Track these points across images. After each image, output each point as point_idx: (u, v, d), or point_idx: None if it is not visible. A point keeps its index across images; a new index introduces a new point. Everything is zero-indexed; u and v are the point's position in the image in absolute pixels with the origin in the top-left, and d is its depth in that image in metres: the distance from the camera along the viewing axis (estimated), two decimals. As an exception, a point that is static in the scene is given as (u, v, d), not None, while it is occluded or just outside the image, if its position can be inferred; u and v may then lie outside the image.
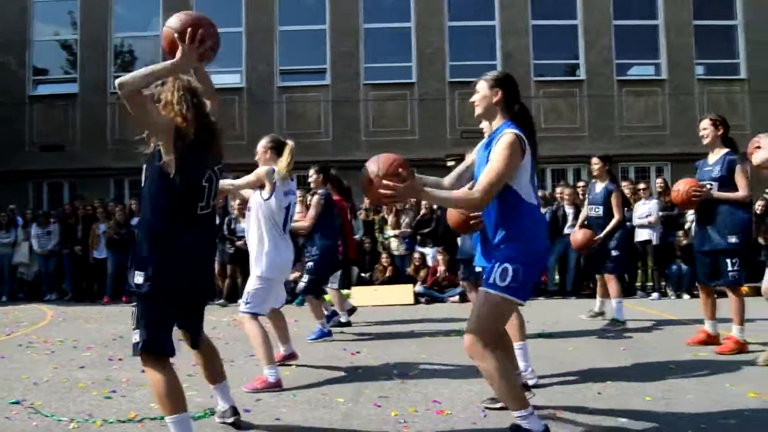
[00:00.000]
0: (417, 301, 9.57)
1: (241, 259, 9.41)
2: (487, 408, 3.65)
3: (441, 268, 9.81)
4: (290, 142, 4.67)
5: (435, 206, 10.64)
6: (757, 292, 7.16)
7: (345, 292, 9.41)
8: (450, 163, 15.15)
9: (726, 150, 5.24)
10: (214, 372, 3.39)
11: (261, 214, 4.53)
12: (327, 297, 7.26)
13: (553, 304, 8.99)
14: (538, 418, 3.00)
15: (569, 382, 4.31)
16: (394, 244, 10.75)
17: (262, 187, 4.54)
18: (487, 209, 3.05)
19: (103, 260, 10.92)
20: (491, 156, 2.97)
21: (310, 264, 6.47)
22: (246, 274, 7.35)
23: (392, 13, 16.27)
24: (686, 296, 9.42)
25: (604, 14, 16.40)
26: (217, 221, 9.83)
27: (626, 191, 10.38)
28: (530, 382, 4.00)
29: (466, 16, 16.43)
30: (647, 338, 6.05)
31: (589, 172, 9.34)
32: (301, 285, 6.49)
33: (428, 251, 10.41)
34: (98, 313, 9.04)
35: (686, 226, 9.73)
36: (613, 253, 6.84)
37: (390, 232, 10.82)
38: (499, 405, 3.58)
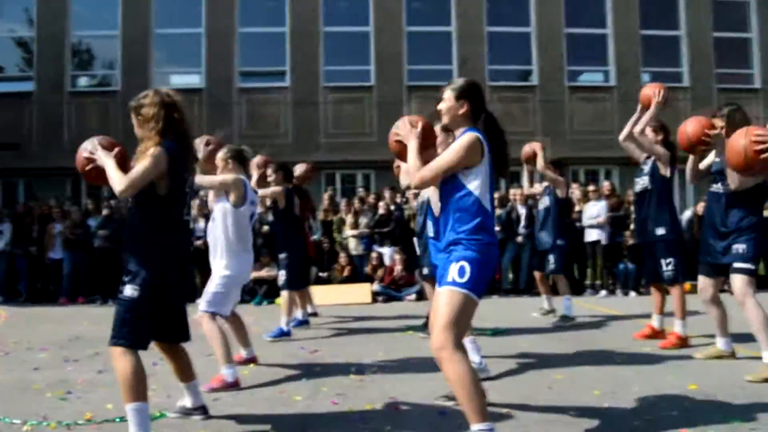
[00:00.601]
0: (374, 300, 9.68)
1: (199, 260, 9.34)
2: (442, 404, 3.72)
3: (398, 268, 9.94)
4: (257, 158, 4.77)
5: (393, 207, 10.79)
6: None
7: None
8: (407, 166, 15.33)
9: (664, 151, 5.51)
10: (187, 369, 3.48)
11: (230, 220, 4.59)
12: (277, 300, 7.25)
13: (506, 302, 9.20)
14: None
15: (521, 377, 4.43)
16: (352, 243, 10.84)
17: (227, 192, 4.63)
18: (445, 209, 3.06)
19: (59, 261, 10.70)
20: (448, 149, 3.07)
21: (284, 259, 6.56)
22: (204, 274, 7.40)
23: (351, 16, 16.38)
24: (633, 293, 9.77)
25: (555, 23, 16.82)
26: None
27: (577, 193, 10.72)
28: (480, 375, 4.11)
29: (424, 22, 16.64)
30: (596, 334, 6.28)
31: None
32: (281, 281, 6.60)
33: (386, 251, 10.54)
34: (54, 314, 8.88)
35: (632, 227, 10.07)
36: (554, 253, 7.11)
37: (348, 232, 10.90)
38: (452, 402, 3.62)
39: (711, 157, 4.71)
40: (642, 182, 5.64)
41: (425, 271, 5.68)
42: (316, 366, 4.94)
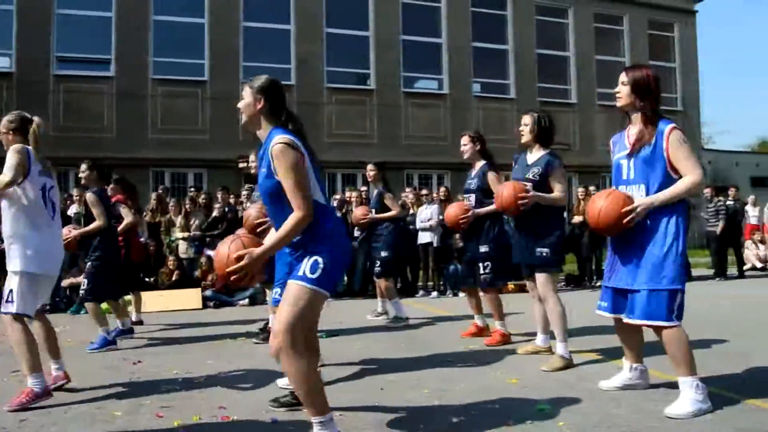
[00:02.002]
0: (205, 306, 9.27)
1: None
2: (273, 409, 3.63)
3: (231, 272, 9.60)
4: (36, 119, 4.21)
5: (226, 208, 10.41)
6: (521, 289, 8.00)
7: (127, 298, 8.84)
8: (241, 165, 14.95)
9: (483, 162, 5.75)
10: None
11: (17, 200, 3.96)
12: (104, 306, 6.67)
13: (341, 304, 9.21)
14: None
15: (354, 379, 4.43)
16: (182, 246, 10.32)
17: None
18: (283, 213, 2.91)
19: None
20: (280, 173, 2.87)
21: (89, 266, 6.01)
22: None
23: (185, 6, 15.65)
24: (462, 294, 10.19)
25: (393, 28, 17.28)
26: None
27: (410, 196, 11.04)
28: None
29: (262, 18, 16.35)
30: (427, 334, 6.45)
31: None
32: (82, 291, 6.07)
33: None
34: None
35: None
36: (383, 254, 7.20)
37: (178, 234, 10.37)
38: (284, 409, 3.61)
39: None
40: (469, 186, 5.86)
41: None
42: (139, 378, 4.60)
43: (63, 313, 8.66)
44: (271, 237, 3.09)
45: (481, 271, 5.63)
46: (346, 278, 10.85)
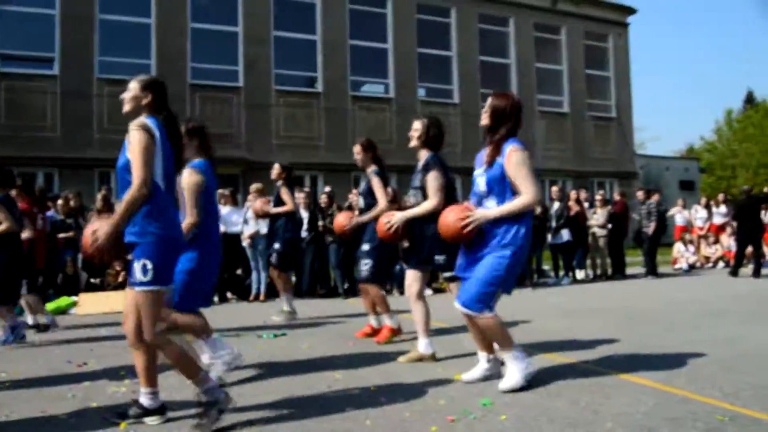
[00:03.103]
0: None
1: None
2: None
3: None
4: None
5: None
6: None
7: (73, 299, 8.74)
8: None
9: (372, 168, 5.86)
10: None
11: None
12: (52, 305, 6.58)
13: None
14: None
15: (302, 377, 4.51)
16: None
17: None
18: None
19: None
20: (130, 152, 3.23)
21: None
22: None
23: (131, 5, 15.42)
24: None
25: (340, 33, 17.39)
26: None
27: (354, 199, 11.13)
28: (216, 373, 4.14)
29: (210, 20, 16.24)
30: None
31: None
32: None
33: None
34: None
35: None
36: (276, 246, 7.36)
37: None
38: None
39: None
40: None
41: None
42: (85, 380, 4.55)
43: None
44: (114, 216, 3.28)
45: (362, 266, 5.80)
46: (294, 278, 10.89)
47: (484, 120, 4.01)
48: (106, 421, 3.49)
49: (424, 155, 4.91)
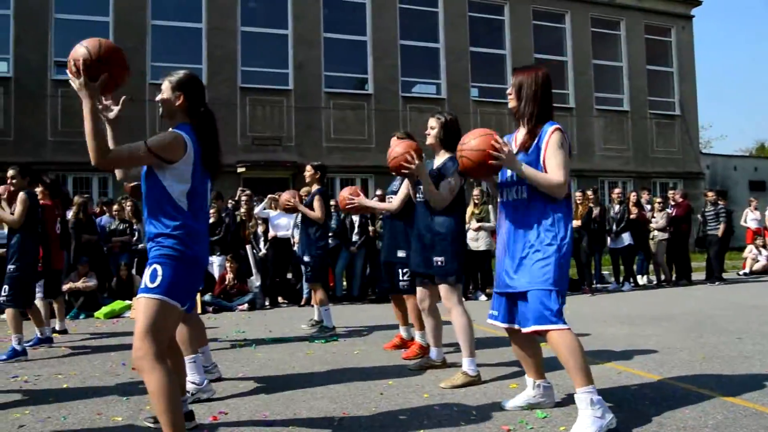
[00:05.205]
0: (204, 311, 9.23)
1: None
2: (148, 426, 3.47)
3: (229, 276, 9.58)
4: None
5: (223, 213, 10.37)
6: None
7: (128, 303, 8.83)
8: (240, 169, 14.95)
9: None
10: None
11: None
12: (97, 314, 6.56)
13: (341, 309, 9.20)
14: None
15: (355, 384, 4.40)
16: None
17: None
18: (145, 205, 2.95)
19: None
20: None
21: (11, 270, 5.82)
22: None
23: (182, 11, 15.69)
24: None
25: (390, 34, 17.29)
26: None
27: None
28: (204, 396, 3.99)
29: (260, 23, 16.38)
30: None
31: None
32: (1, 298, 5.83)
33: (215, 259, 10.03)
34: None
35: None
36: (306, 259, 6.98)
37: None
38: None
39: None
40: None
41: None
42: (139, 383, 4.55)
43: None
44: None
45: (400, 276, 5.38)
46: (345, 283, 10.83)
47: (512, 102, 3.50)
48: (157, 424, 3.42)
49: (442, 156, 4.58)
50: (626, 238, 11.47)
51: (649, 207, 12.29)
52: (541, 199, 3.33)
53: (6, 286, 5.80)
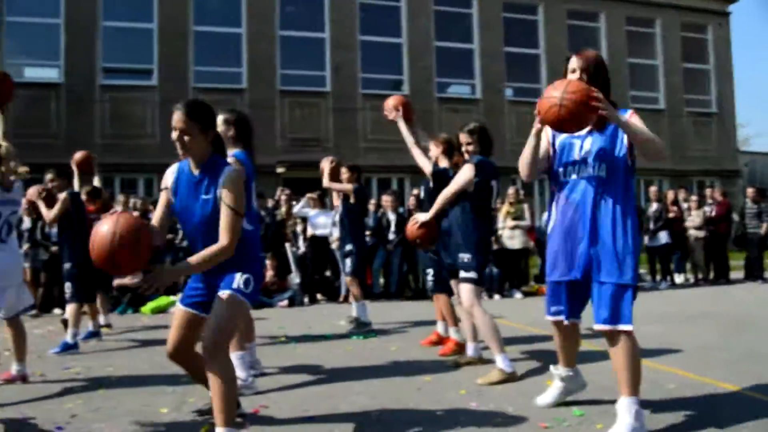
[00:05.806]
0: (245, 308, 9.47)
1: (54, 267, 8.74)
2: (194, 419, 3.62)
3: (269, 273, 9.82)
4: (4, 144, 4.52)
5: (263, 212, 10.61)
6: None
7: (172, 298, 9.10)
8: (280, 170, 15.24)
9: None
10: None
11: None
12: (143, 309, 6.83)
13: (378, 306, 9.32)
14: None
15: (392, 380, 4.50)
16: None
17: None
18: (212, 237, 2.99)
19: None
20: (227, 198, 2.97)
21: (68, 267, 6.10)
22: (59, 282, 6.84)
23: (223, 17, 16.05)
24: (497, 296, 10.19)
25: (425, 35, 17.37)
26: (28, 225, 9.10)
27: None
28: (248, 393, 4.07)
29: (297, 27, 16.62)
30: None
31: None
32: (66, 295, 6.11)
33: (257, 258, 10.30)
34: None
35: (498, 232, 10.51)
36: (348, 248, 6.95)
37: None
38: (205, 416, 3.55)
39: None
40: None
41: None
42: (183, 376, 4.72)
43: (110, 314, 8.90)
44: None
45: (429, 278, 5.63)
46: (382, 280, 10.97)
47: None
48: (201, 414, 3.61)
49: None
50: (663, 237, 11.38)
51: (685, 205, 12.16)
52: (622, 176, 3.17)
53: (68, 283, 6.07)
